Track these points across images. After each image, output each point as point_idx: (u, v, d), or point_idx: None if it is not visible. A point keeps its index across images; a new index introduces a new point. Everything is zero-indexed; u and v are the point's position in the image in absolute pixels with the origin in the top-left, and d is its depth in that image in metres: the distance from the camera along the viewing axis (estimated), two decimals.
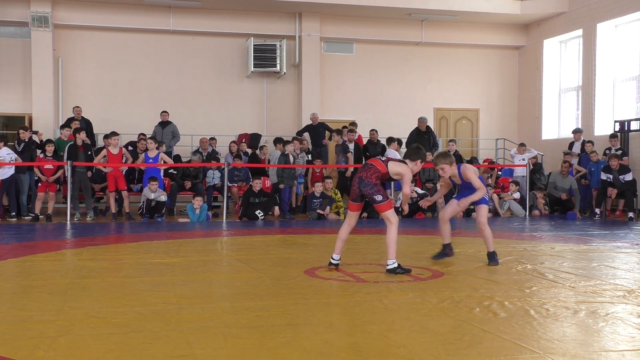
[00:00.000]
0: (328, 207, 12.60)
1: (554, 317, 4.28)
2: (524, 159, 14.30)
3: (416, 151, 6.15)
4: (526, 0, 16.98)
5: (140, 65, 16.46)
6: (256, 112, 17.09)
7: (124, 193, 12.23)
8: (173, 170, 13.25)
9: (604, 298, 4.89)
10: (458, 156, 14.31)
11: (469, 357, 3.41)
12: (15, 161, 11.85)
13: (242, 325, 4.02)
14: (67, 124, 13.67)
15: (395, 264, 5.89)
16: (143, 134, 13.79)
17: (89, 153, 12.29)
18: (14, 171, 11.84)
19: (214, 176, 13.51)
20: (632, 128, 13.96)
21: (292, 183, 13.11)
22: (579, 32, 16.44)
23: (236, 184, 13.43)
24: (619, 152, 13.40)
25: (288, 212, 12.80)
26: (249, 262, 6.69)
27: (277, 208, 12.58)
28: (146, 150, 12.55)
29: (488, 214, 7.86)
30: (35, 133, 13.57)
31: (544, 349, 3.52)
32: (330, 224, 11.59)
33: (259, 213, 12.19)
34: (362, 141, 15.04)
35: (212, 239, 9.14)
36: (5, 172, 11.74)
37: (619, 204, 13.62)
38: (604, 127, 15.49)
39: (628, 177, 12.75)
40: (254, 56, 16.35)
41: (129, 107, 16.24)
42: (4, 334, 3.78)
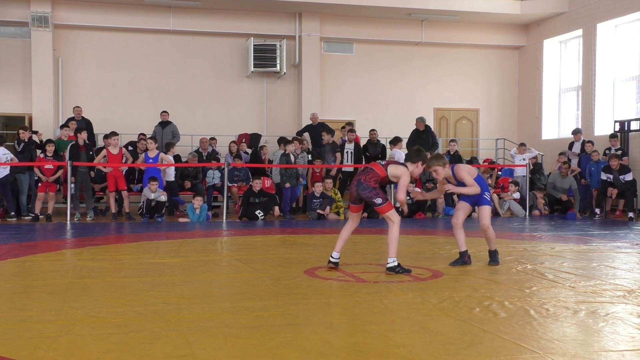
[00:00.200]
0: (328, 207, 12.60)
1: (554, 317, 4.28)
2: (524, 159, 14.29)
3: (417, 153, 6.11)
4: (526, 0, 16.99)
5: (140, 65, 16.46)
6: (256, 112, 17.09)
7: (124, 193, 12.23)
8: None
9: (604, 298, 4.89)
10: (458, 156, 14.32)
11: (469, 357, 3.40)
12: (11, 161, 11.84)
13: (242, 325, 4.02)
14: (66, 124, 13.70)
15: (395, 263, 5.90)
16: (143, 134, 13.80)
17: (91, 153, 12.30)
18: (9, 171, 11.80)
19: (214, 176, 13.51)
20: (632, 128, 13.96)
21: (296, 182, 13.11)
22: (579, 32, 16.44)
23: (236, 184, 13.44)
24: (619, 152, 13.41)
25: (288, 212, 12.81)
26: (249, 262, 6.69)
27: (277, 208, 12.58)
28: (146, 150, 12.56)
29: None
30: (35, 133, 13.57)
31: (544, 349, 3.52)
32: (330, 224, 11.59)
33: (259, 213, 12.19)
34: (358, 140, 15.00)
35: (212, 239, 9.14)
36: (0, 172, 11.72)
37: (619, 204, 13.62)
38: (604, 127, 15.48)
39: (628, 177, 12.75)
40: (254, 56, 16.35)
41: (129, 107, 16.24)
42: (4, 334, 3.78)
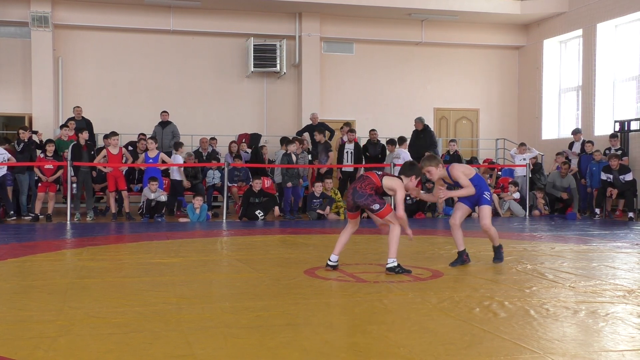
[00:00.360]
0: (328, 207, 12.60)
1: (554, 317, 4.28)
2: (524, 159, 14.29)
3: (410, 167, 6.03)
4: (526, 0, 16.98)
5: (140, 65, 16.46)
6: (256, 112, 17.09)
7: (124, 193, 12.23)
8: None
9: (604, 298, 4.89)
10: (458, 156, 14.32)
11: (469, 357, 3.40)
12: (8, 161, 11.83)
13: (242, 325, 4.02)
14: (66, 124, 13.70)
15: (395, 263, 5.88)
16: (143, 134, 13.80)
17: (92, 153, 12.30)
18: (6, 170, 11.77)
19: (214, 176, 13.51)
20: (632, 128, 13.96)
21: (297, 182, 13.11)
22: (579, 32, 16.44)
23: (236, 184, 13.44)
24: (619, 152, 13.41)
25: (289, 212, 12.80)
26: (249, 262, 6.69)
27: (277, 208, 12.58)
28: (146, 150, 12.56)
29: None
30: (35, 133, 13.57)
31: (544, 349, 3.52)
32: (330, 224, 11.60)
33: (259, 213, 12.19)
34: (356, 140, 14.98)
35: (212, 239, 9.14)
36: None
37: (619, 204, 13.62)
38: (604, 127, 15.48)
39: (628, 177, 12.76)
40: (254, 56, 16.35)
41: (129, 107, 16.24)
42: (4, 334, 3.78)
